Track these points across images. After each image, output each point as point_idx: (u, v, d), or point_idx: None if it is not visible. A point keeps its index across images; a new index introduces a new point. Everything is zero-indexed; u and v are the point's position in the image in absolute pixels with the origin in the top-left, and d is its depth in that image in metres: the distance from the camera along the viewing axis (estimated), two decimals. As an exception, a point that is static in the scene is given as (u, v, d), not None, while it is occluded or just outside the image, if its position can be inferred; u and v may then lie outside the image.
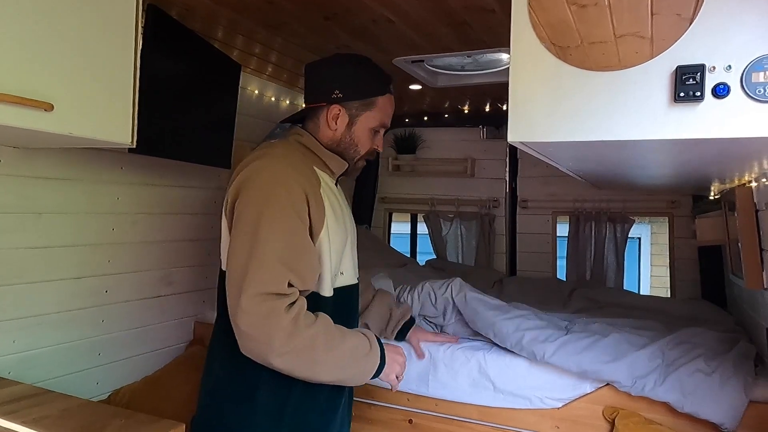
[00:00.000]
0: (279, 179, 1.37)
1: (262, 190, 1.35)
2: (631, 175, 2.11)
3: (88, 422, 1.35)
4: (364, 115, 1.52)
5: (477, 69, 2.60)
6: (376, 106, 1.52)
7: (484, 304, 2.08)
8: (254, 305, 1.28)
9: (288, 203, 1.34)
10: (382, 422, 2.12)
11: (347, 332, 1.42)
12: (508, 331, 1.95)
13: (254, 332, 1.29)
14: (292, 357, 1.31)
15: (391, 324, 1.96)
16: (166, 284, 2.41)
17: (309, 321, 1.33)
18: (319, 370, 1.36)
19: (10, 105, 1.17)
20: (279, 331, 1.28)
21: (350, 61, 1.58)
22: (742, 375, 1.73)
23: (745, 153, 1.25)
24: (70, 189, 1.97)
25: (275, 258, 1.30)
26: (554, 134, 1.10)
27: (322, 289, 1.44)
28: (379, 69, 1.56)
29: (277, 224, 1.32)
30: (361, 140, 1.53)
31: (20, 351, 1.82)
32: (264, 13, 1.91)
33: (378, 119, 1.54)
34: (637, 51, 1.02)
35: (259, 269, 1.29)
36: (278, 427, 1.43)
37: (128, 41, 1.45)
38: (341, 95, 1.50)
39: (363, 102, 1.51)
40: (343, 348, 1.38)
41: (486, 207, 3.76)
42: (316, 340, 1.33)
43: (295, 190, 1.36)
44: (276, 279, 1.30)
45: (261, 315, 1.28)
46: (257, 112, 2.78)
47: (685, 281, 3.27)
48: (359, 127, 1.52)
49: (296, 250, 1.34)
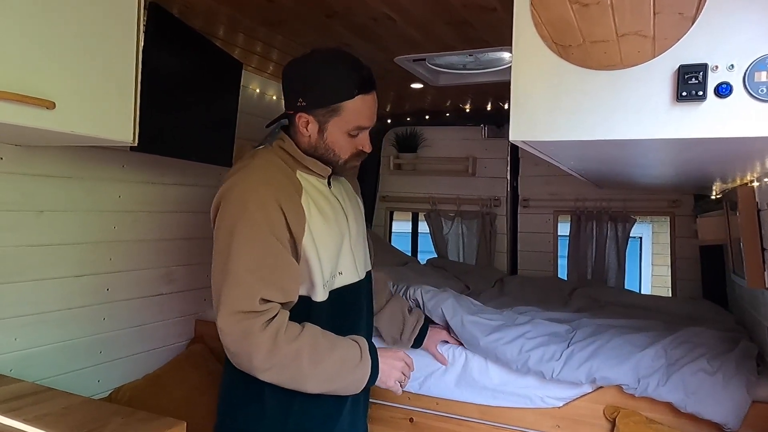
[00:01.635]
0: (251, 194, 1.36)
1: (234, 207, 1.36)
2: (633, 175, 2.11)
3: (90, 420, 1.35)
4: (332, 121, 1.42)
5: (478, 68, 2.59)
6: (344, 111, 1.41)
7: (482, 328, 1.99)
8: (230, 325, 1.31)
9: (260, 218, 1.34)
10: (383, 421, 2.12)
11: (337, 342, 1.40)
12: (512, 356, 1.92)
13: (235, 350, 1.34)
14: (276, 372, 1.33)
15: (406, 332, 1.94)
16: (167, 282, 2.41)
17: (291, 335, 1.33)
18: (306, 383, 1.36)
19: (12, 103, 1.17)
20: (257, 348, 1.30)
21: (314, 63, 1.44)
22: (745, 374, 1.73)
23: (747, 152, 1.24)
24: (72, 187, 1.97)
25: (247, 275, 1.32)
26: (556, 133, 1.09)
27: (315, 294, 1.43)
28: (347, 70, 1.41)
29: (248, 241, 1.33)
30: (338, 144, 1.45)
31: (21, 349, 1.82)
32: (265, 11, 1.91)
33: (351, 123, 1.42)
34: (639, 50, 1.02)
35: (231, 288, 1.32)
36: (284, 430, 1.44)
37: (130, 39, 1.45)
38: (304, 103, 1.42)
39: (326, 109, 1.41)
40: (331, 360, 1.37)
41: (487, 206, 3.76)
42: (300, 354, 1.33)
43: (268, 204, 1.36)
44: (248, 297, 1.31)
45: (237, 334, 1.31)
46: (258, 111, 2.77)
47: (686, 281, 3.27)
48: (331, 133, 1.43)
49: (271, 265, 1.34)
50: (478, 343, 1.96)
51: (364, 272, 1.62)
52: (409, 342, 1.95)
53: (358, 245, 1.59)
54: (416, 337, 1.96)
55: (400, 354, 1.52)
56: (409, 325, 1.94)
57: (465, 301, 2.17)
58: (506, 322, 2.08)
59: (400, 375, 1.50)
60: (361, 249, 1.62)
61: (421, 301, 2.11)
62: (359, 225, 1.63)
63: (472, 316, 2.04)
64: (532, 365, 1.89)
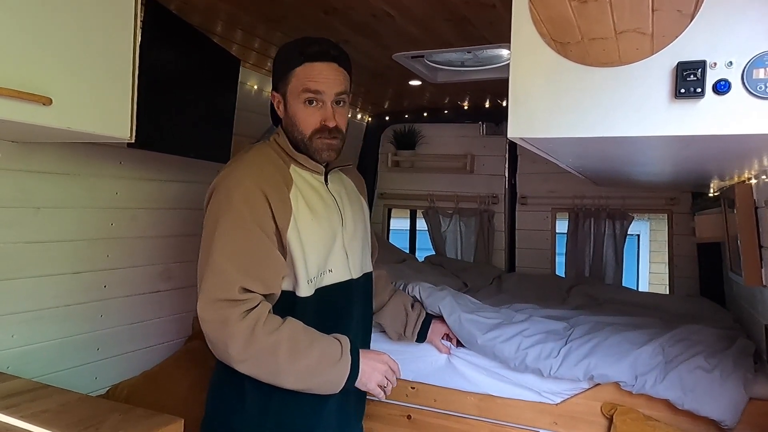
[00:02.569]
0: (237, 185, 1.39)
1: (220, 198, 1.40)
2: (631, 172, 2.11)
3: (87, 417, 1.35)
4: (288, 90, 1.48)
5: (477, 65, 2.59)
6: (293, 77, 1.46)
7: (479, 326, 1.99)
8: (209, 312, 1.33)
9: (244, 209, 1.37)
10: (381, 417, 2.12)
11: (317, 339, 1.40)
12: (509, 354, 1.92)
13: (213, 339, 1.35)
14: (252, 364, 1.34)
15: (409, 326, 1.95)
16: (164, 279, 2.41)
17: (270, 328, 1.33)
18: (282, 378, 1.36)
19: (8, 99, 1.16)
20: (233, 339, 1.31)
21: (279, 49, 1.56)
22: (742, 372, 1.73)
23: (746, 150, 1.24)
24: (69, 183, 1.96)
25: (228, 264, 1.34)
26: (554, 130, 1.09)
27: (299, 289, 1.43)
28: (298, 44, 1.49)
29: (230, 231, 1.36)
30: (298, 117, 1.47)
31: (19, 346, 1.81)
32: (263, 8, 1.90)
33: (299, 87, 1.46)
34: (637, 47, 1.02)
35: (212, 276, 1.34)
36: (262, 427, 1.45)
37: (127, 35, 1.45)
38: (273, 84, 1.54)
39: (283, 81, 1.48)
40: (309, 356, 1.36)
41: (485, 203, 3.76)
42: (277, 348, 1.33)
43: (253, 195, 1.38)
44: (227, 285, 1.32)
45: (216, 322, 1.33)
46: (256, 108, 2.77)
47: (683, 278, 3.27)
48: (290, 105, 1.49)
49: (253, 255, 1.36)
50: (476, 341, 1.96)
51: (360, 273, 1.60)
52: (413, 336, 1.96)
53: (353, 244, 1.58)
54: (419, 331, 1.97)
55: (384, 357, 1.50)
56: (411, 319, 1.95)
57: (463, 298, 2.16)
58: (504, 320, 2.08)
59: (383, 378, 1.47)
60: (358, 249, 1.60)
61: (419, 299, 2.11)
62: (357, 224, 1.61)
63: (469, 314, 2.03)
64: (529, 363, 1.89)
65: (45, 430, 1.27)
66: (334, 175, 1.60)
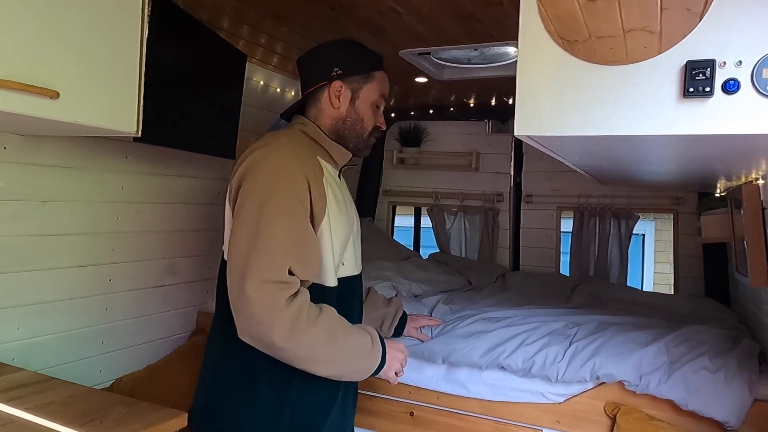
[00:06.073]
0: (282, 167, 1.37)
1: (265, 178, 1.36)
2: (637, 171, 2.10)
3: (91, 410, 1.36)
4: (365, 88, 1.54)
5: (483, 62, 2.58)
6: (375, 79, 1.56)
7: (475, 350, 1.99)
8: (257, 293, 1.28)
9: (291, 191, 1.35)
10: (383, 414, 2.12)
11: (350, 329, 1.42)
12: (516, 367, 1.92)
13: (256, 321, 1.30)
14: (291, 352, 1.33)
15: (386, 322, 1.97)
16: (169, 274, 2.41)
17: (312, 317, 1.33)
18: (318, 365, 1.37)
19: (16, 92, 1.17)
20: (279, 324, 1.28)
21: (343, 42, 1.61)
22: (747, 373, 1.73)
23: (754, 149, 1.24)
24: (75, 177, 1.97)
25: (278, 246, 1.31)
26: (561, 128, 1.09)
27: (326, 279, 1.44)
28: (372, 49, 1.61)
29: (279, 212, 1.33)
30: (366, 114, 1.55)
31: (24, 338, 1.83)
32: (270, 3, 1.90)
33: (378, 91, 1.57)
34: (645, 46, 1.01)
35: (261, 257, 1.30)
36: (278, 419, 1.43)
37: (134, 30, 1.45)
38: (341, 72, 1.52)
39: (363, 76, 1.54)
40: (345, 346, 1.39)
41: (490, 201, 3.75)
42: (318, 337, 1.34)
43: (298, 178, 1.37)
44: (278, 266, 1.30)
45: (263, 305, 1.28)
46: (262, 103, 2.77)
47: (689, 278, 3.26)
48: (362, 101, 1.54)
49: (299, 238, 1.35)
50: (480, 367, 1.97)
51: (361, 269, 1.65)
52: (389, 331, 1.98)
53: (358, 241, 1.63)
54: (396, 326, 1.99)
55: (401, 346, 1.57)
56: (389, 316, 1.98)
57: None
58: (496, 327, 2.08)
59: (399, 366, 1.55)
60: (360, 245, 1.65)
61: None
62: (358, 222, 1.67)
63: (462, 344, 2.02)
64: (536, 371, 1.89)
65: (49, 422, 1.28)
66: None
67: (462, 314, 2.25)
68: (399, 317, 2.00)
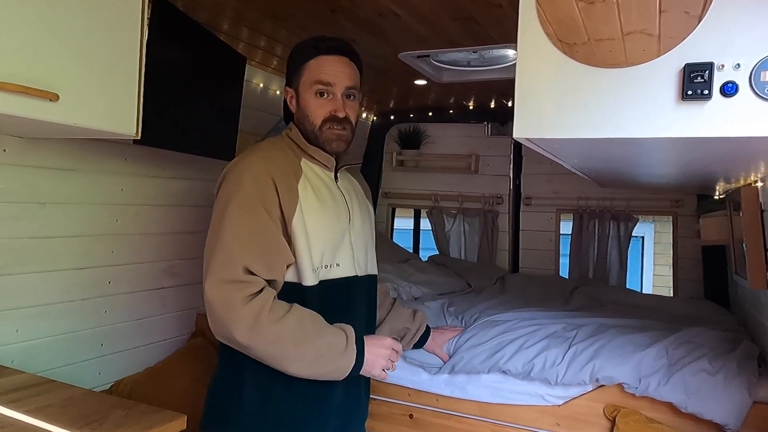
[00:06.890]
0: (246, 170, 1.43)
1: (231, 180, 1.44)
2: (636, 173, 2.10)
3: (90, 412, 1.35)
4: (300, 83, 1.54)
5: (483, 65, 2.58)
6: (306, 70, 1.52)
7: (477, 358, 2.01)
8: (215, 293, 1.35)
9: (253, 192, 1.40)
10: (382, 416, 2.12)
11: (322, 328, 1.41)
12: (516, 371, 1.93)
13: (217, 320, 1.36)
14: (257, 349, 1.36)
15: (407, 337, 1.95)
16: (168, 276, 2.41)
17: (276, 316, 1.35)
18: (288, 364, 1.38)
19: (15, 94, 1.17)
20: (238, 323, 1.33)
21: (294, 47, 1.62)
22: (746, 375, 1.73)
23: (752, 152, 1.24)
24: (74, 179, 1.97)
25: (235, 246, 1.36)
26: (560, 130, 1.09)
27: (305, 278, 1.44)
28: (311, 40, 1.56)
29: (238, 213, 1.38)
30: (308, 108, 1.52)
31: (23, 340, 1.82)
32: (270, 5, 1.91)
33: (312, 78, 1.51)
34: (644, 49, 1.01)
35: (219, 257, 1.36)
36: (261, 419, 1.45)
37: (134, 32, 1.45)
38: (287, 76, 1.58)
39: (297, 72, 1.54)
40: (315, 346, 1.39)
41: (489, 203, 3.76)
42: (283, 335, 1.35)
43: (262, 179, 1.41)
44: (233, 265, 1.35)
45: (221, 304, 1.34)
46: (262, 105, 2.77)
47: (688, 281, 3.26)
48: (302, 97, 1.54)
49: (258, 238, 1.38)
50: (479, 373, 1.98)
51: (365, 272, 1.62)
52: (409, 346, 1.97)
53: (359, 243, 1.60)
54: (417, 342, 1.98)
55: (387, 341, 1.53)
56: (410, 333, 1.95)
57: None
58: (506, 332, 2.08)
59: (387, 362, 1.51)
60: (363, 247, 1.63)
61: None
62: (364, 224, 1.65)
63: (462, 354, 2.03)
64: (535, 374, 1.90)
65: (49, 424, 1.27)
66: (343, 174, 1.63)
67: (462, 317, 2.26)
68: (420, 334, 1.98)
